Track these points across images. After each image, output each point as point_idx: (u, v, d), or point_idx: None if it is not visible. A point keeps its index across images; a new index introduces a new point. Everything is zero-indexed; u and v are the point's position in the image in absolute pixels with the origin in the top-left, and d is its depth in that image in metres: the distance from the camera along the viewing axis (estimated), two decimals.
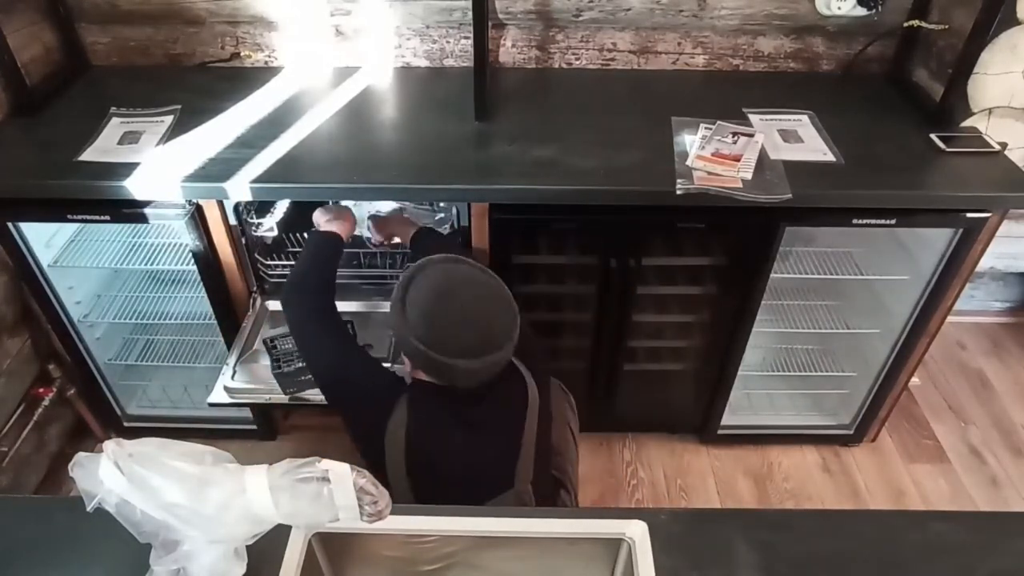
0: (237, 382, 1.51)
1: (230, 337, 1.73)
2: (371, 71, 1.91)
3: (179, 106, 1.68)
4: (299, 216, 1.75)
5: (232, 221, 1.59)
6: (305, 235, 1.75)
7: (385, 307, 1.71)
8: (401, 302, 1.12)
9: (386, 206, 1.71)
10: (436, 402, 1.15)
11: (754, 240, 1.57)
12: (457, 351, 1.07)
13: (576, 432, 1.53)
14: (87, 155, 1.52)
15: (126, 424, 2.01)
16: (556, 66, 1.95)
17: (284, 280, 1.71)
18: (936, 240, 1.61)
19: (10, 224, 1.55)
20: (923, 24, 1.72)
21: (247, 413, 1.96)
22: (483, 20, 1.52)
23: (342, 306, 1.67)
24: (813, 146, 1.58)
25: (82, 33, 1.88)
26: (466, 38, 1.89)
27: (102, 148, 1.54)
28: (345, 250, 1.75)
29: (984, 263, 1.71)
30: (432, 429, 1.15)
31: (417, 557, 0.92)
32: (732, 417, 1.98)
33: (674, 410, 2.00)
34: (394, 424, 1.12)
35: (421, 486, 1.13)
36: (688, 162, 1.50)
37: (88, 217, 1.53)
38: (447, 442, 1.15)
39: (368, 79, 1.87)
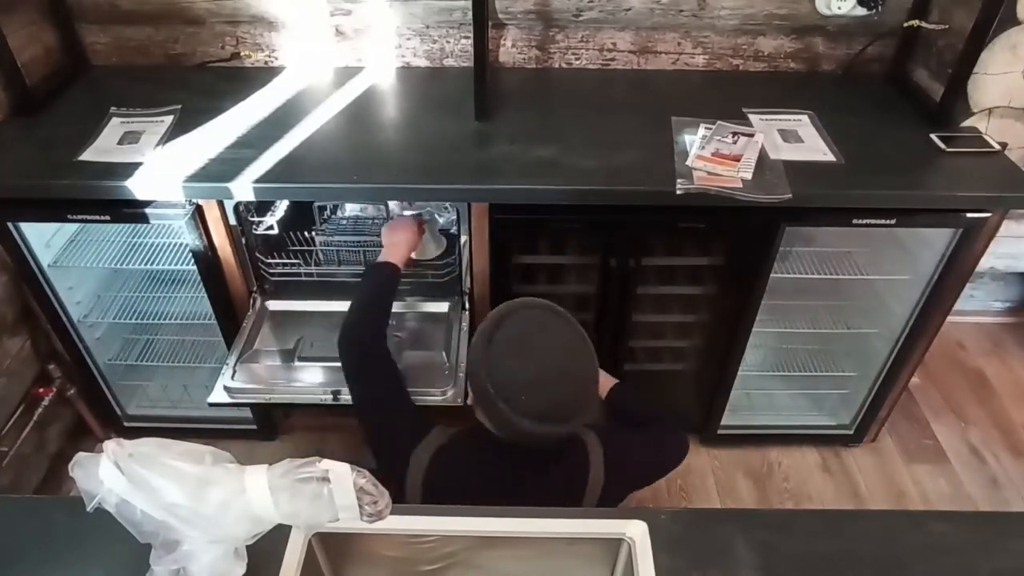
0: (237, 382, 1.51)
1: (230, 337, 1.73)
2: (371, 71, 1.91)
3: (179, 106, 1.68)
4: (300, 214, 1.75)
5: (232, 221, 1.58)
6: (306, 233, 1.76)
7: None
8: (488, 340, 1.06)
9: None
10: (484, 451, 1.12)
11: (754, 240, 1.57)
12: (524, 411, 1.02)
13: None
14: (87, 155, 1.52)
15: (126, 424, 2.01)
16: (556, 66, 1.95)
17: (284, 279, 1.73)
18: (936, 240, 1.61)
19: (10, 224, 1.55)
20: (923, 24, 1.72)
21: (247, 413, 1.96)
22: (483, 20, 1.52)
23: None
24: (813, 146, 1.58)
25: (82, 33, 1.88)
26: (466, 38, 1.89)
27: (102, 148, 1.54)
28: (343, 248, 1.76)
29: (984, 263, 1.71)
30: (465, 476, 1.13)
31: (417, 557, 0.92)
32: (732, 417, 1.98)
33: (674, 410, 2.00)
34: (414, 467, 1.11)
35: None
36: (688, 162, 1.49)
37: (88, 217, 1.53)
38: (479, 492, 1.05)
39: (368, 79, 1.87)
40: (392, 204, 1.67)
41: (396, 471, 1.12)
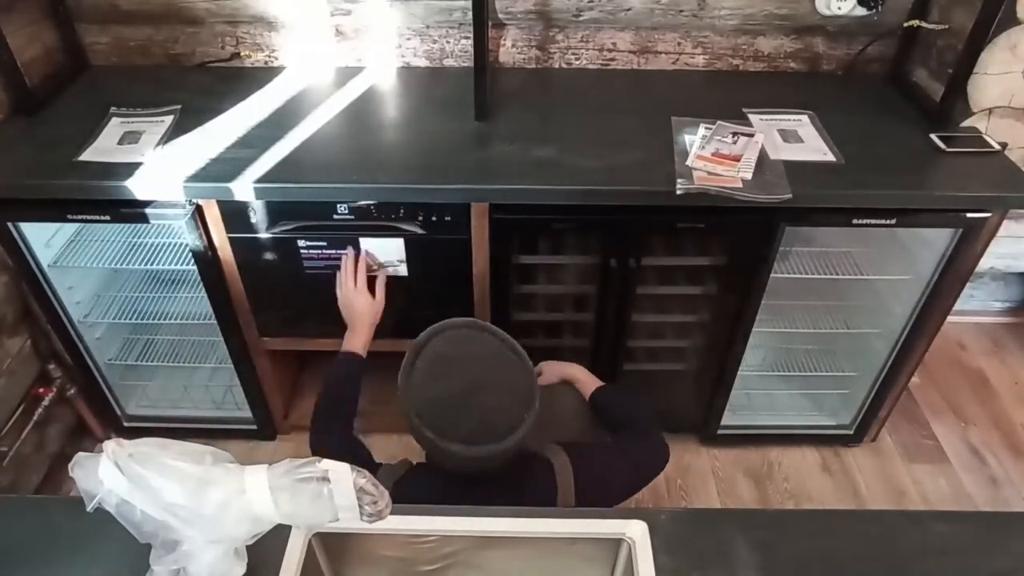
0: None
1: (230, 337, 1.73)
2: (371, 71, 1.91)
3: (179, 106, 1.68)
4: None
5: None
6: None
7: None
8: (410, 368, 1.04)
9: None
10: (429, 482, 1.10)
11: (754, 240, 1.57)
12: (451, 435, 0.99)
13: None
14: (87, 155, 1.52)
15: (126, 424, 2.01)
16: (556, 66, 1.95)
17: None
18: (936, 240, 1.61)
19: (10, 224, 1.55)
20: (923, 24, 1.72)
21: (247, 413, 1.96)
22: (483, 20, 1.52)
23: None
24: (813, 146, 1.58)
25: (82, 33, 1.88)
26: (466, 38, 1.89)
27: (102, 148, 1.54)
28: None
29: (984, 263, 1.71)
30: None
31: (417, 557, 0.92)
32: (732, 417, 1.98)
33: (674, 410, 2.00)
34: None
35: None
36: (688, 162, 1.49)
37: (88, 217, 1.53)
38: None
39: (368, 79, 1.87)
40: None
41: None
